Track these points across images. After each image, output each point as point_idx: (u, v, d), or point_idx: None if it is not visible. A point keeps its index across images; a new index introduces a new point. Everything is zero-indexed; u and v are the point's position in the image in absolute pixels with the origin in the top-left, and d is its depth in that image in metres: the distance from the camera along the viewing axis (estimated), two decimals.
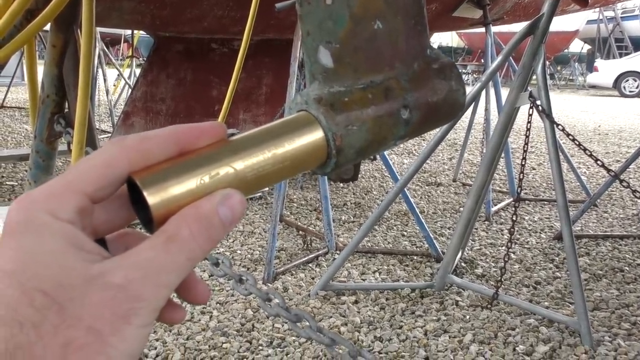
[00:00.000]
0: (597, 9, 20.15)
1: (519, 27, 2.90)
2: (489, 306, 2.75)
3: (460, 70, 1.23)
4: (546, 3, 2.49)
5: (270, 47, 5.23)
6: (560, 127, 2.49)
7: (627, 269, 3.27)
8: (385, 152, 3.76)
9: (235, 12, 4.20)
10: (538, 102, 2.54)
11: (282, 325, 2.51)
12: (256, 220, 3.98)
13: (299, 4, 0.48)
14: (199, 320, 2.58)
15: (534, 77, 2.62)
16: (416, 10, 0.50)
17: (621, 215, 4.31)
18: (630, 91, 17.15)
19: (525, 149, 2.68)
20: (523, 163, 2.65)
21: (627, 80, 17.23)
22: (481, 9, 4.48)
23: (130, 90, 6.67)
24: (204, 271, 3.04)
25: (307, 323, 1.37)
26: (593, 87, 18.93)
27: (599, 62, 18.98)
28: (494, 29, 4.66)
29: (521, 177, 2.67)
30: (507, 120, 2.70)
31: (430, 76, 0.51)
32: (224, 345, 2.38)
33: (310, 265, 3.25)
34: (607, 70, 17.56)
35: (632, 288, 3.01)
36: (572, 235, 2.46)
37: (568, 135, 2.53)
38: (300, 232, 3.73)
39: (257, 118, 5.48)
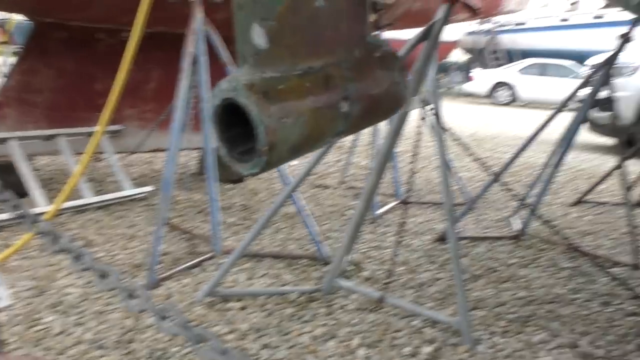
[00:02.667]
0: (476, 22, 21.50)
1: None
2: (375, 309, 2.77)
3: None
4: (440, 9, 2.55)
5: (161, 40, 4.97)
6: (449, 132, 2.55)
7: (502, 268, 3.43)
8: None
9: (125, 1, 3.93)
10: (428, 107, 2.59)
11: (164, 336, 2.37)
12: (138, 222, 3.76)
13: None
14: (73, 332, 2.37)
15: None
16: None
17: (496, 217, 4.55)
18: (502, 100, 18.42)
19: (415, 152, 2.72)
20: (413, 167, 2.69)
21: (500, 90, 18.51)
22: (375, 14, 4.55)
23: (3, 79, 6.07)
24: (80, 277, 2.81)
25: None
26: (469, 95, 20.08)
27: (474, 72, 20.24)
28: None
29: (411, 180, 2.71)
30: (398, 124, 2.73)
31: (372, 65, 0.45)
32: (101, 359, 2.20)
33: (195, 270, 3.11)
34: (482, 79, 18.72)
35: (506, 287, 3.16)
36: (456, 238, 2.53)
37: (455, 139, 2.60)
38: (186, 235, 3.57)
39: (143, 114, 5.18)
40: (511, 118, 13.78)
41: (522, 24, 26.37)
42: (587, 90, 4.23)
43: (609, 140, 9.53)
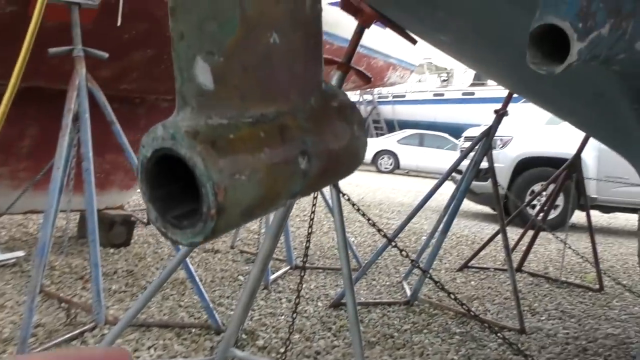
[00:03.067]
0: (357, 92, 22.50)
1: None
2: None
3: None
4: (334, 77, 2.58)
5: (39, 95, 4.68)
6: (346, 196, 2.55)
7: (397, 335, 3.42)
8: None
9: (1, 51, 3.68)
10: None
11: None
12: (8, 291, 3.40)
13: None
14: None
15: None
16: (316, 29, 0.38)
17: (387, 283, 4.58)
18: (385, 167, 19.16)
19: (312, 217, 2.69)
20: (310, 231, 2.64)
21: (383, 158, 19.27)
22: None
23: None
24: None
25: None
26: None
27: None
28: None
29: (307, 245, 2.66)
30: None
31: (330, 116, 0.39)
32: None
33: (74, 342, 2.83)
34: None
35: (402, 354, 3.14)
36: (355, 304, 2.49)
37: (353, 205, 2.60)
38: (63, 304, 3.25)
39: (15, 174, 4.79)
40: (395, 185, 14.33)
41: (402, 96, 28.09)
42: (466, 161, 4.48)
43: (485, 208, 10.13)
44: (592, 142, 6.34)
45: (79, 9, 3.18)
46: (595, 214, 6.62)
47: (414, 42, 3.13)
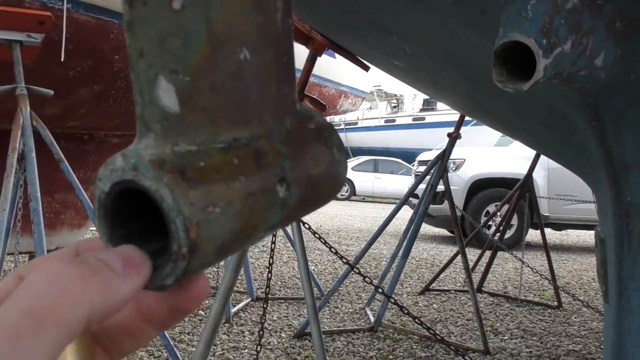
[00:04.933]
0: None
1: None
2: None
3: None
4: None
5: None
6: (306, 225, 2.52)
7: None
8: None
9: None
10: None
11: None
12: None
13: (128, 3, 0.29)
14: None
15: None
16: (287, 45, 0.35)
17: (350, 310, 4.54)
18: (341, 194, 19.22)
19: (272, 247, 2.64)
20: (271, 262, 2.59)
21: None
22: None
23: None
24: None
25: None
26: None
27: None
28: None
29: (269, 276, 2.61)
30: None
31: (308, 139, 0.36)
32: None
33: None
34: None
35: None
36: (321, 334, 2.44)
37: (314, 233, 2.57)
38: None
39: None
40: (352, 212, 14.36)
41: (355, 123, 28.45)
42: (422, 185, 4.53)
43: (442, 231, 10.23)
44: (542, 162, 6.51)
45: (20, 46, 3.10)
46: (547, 232, 6.76)
47: (366, 68, 3.15)
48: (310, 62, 2.87)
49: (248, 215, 0.30)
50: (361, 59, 2.91)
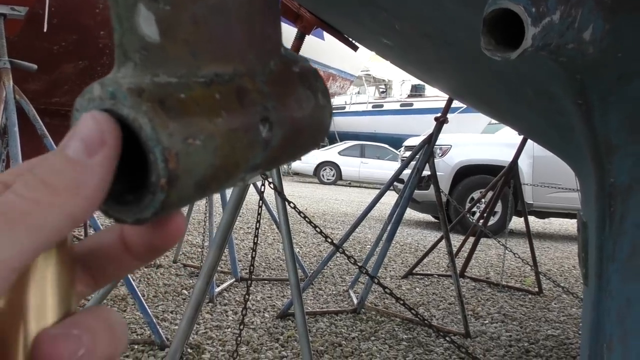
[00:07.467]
0: None
1: None
2: None
3: None
4: None
5: None
6: (292, 204, 2.51)
7: (345, 342, 3.40)
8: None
9: None
10: (270, 180, 2.54)
11: None
12: None
13: None
14: None
15: None
16: None
17: (334, 292, 4.56)
18: (327, 179, 19.21)
19: (257, 226, 2.63)
20: (256, 241, 2.59)
21: (325, 169, 19.31)
22: None
23: None
24: None
25: None
26: (297, 174, 20.70)
27: None
28: None
29: (253, 255, 2.60)
30: (239, 198, 2.64)
31: (292, 82, 0.35)
32: None
33: None
34: (308, 159, 19.42)
35: None
36: (304, 314, 2.45)
37: (299, 212, 2.56)
38: None
39: None
40: (337, 196, 14.38)
41: (342, 108, 28.37)
42: (407, 170, 4.54)
43: (426, 216, 10.29)
44: (527, 150, 6.55)
45: (4, 20, 3.05)
46: (531, 220, 6.82)
47: (354, 48, 3.14)
48: (299, 40, 2.85)
49: (229, 151, 0.29)
50: (350, 39, 2.90)
